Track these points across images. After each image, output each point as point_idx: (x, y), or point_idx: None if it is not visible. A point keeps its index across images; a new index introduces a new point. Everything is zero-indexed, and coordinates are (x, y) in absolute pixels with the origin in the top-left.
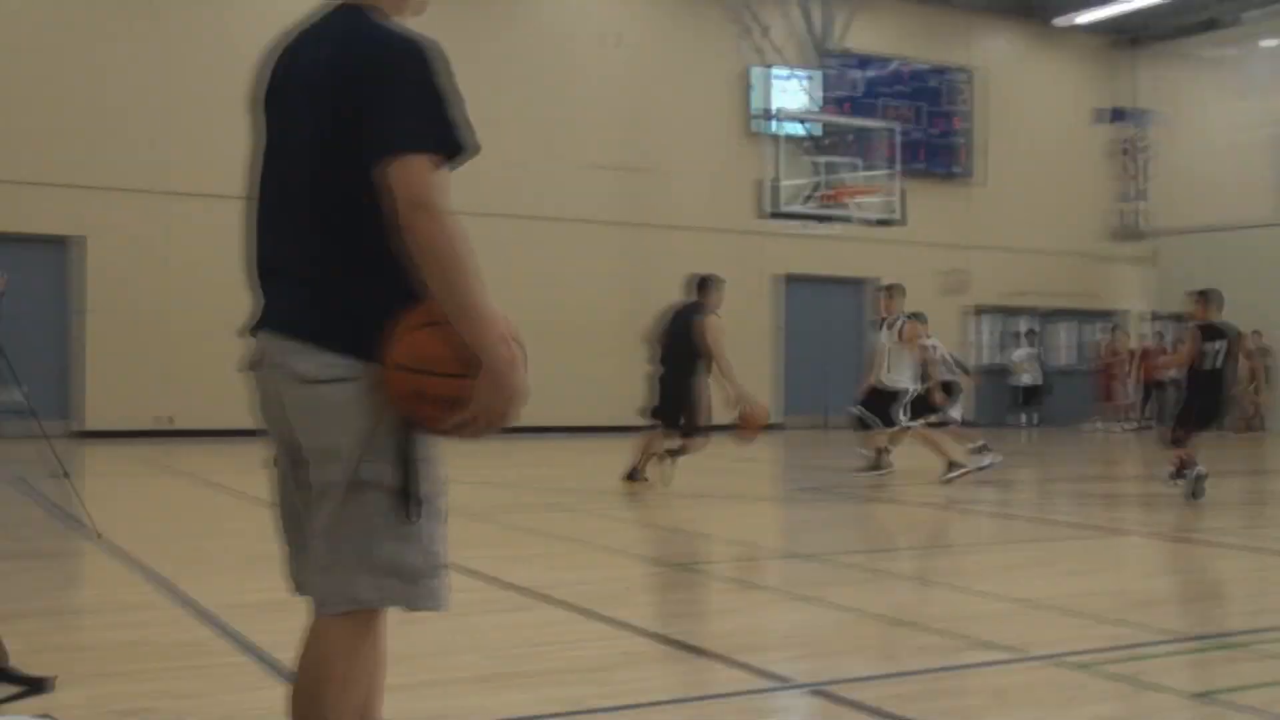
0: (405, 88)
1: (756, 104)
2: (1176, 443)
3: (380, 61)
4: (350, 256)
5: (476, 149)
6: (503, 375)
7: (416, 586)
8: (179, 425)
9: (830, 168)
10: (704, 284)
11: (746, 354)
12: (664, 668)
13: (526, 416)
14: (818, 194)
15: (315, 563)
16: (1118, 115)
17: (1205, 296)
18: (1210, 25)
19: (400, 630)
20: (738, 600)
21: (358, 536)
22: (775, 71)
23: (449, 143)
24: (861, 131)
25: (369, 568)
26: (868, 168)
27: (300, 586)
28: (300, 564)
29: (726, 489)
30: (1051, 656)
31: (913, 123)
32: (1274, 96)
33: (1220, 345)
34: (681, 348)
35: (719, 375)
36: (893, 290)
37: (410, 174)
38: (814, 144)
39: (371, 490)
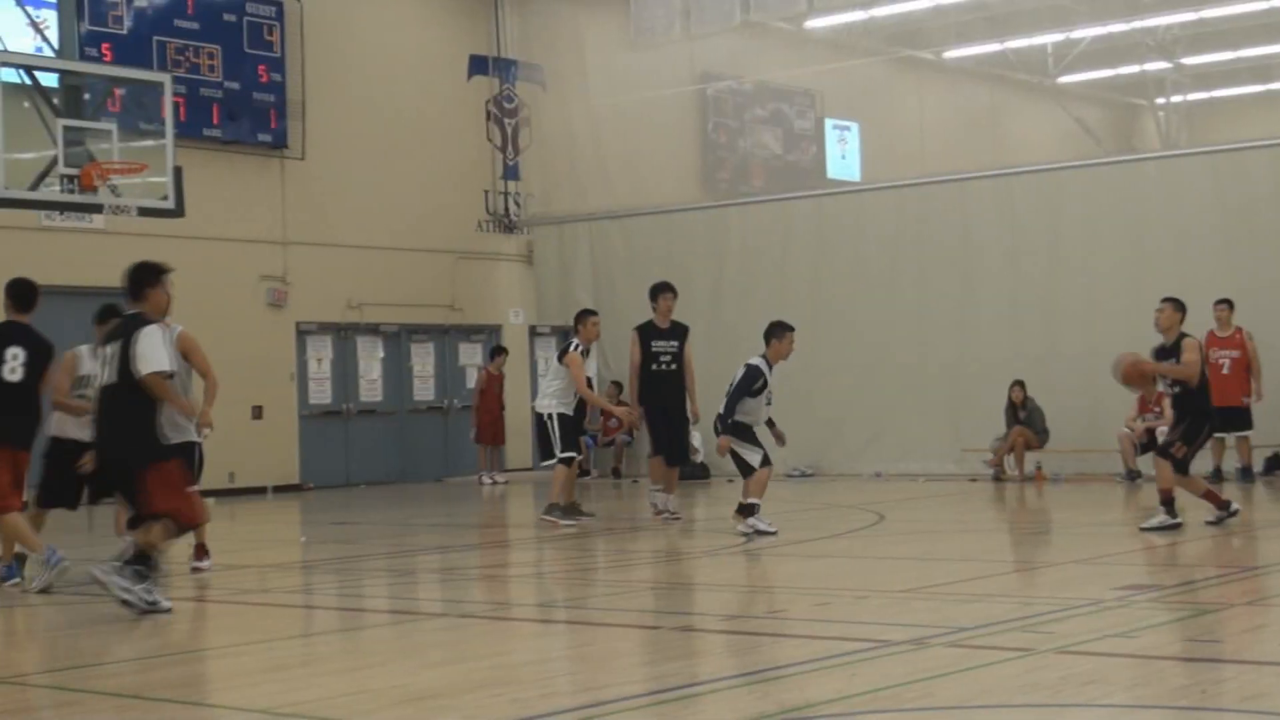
0: None
1: None
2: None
3: None
4: None
5: None
6: None
7: None
8: None
9: (74, 135)
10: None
11: None
12: None
13: None
14: (58, 172)
15: None
16: (479, 66)
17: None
18: None
19: None
20: None
21: None
22: None
23: None
24: (127, 84)
25: None
26: (135, 135)
27: None
28: None
29: None
30: None
31: (205, 73)
32: (683, 47)
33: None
34: None
35: None
36: None
37: None
38: (46, 99)
39: None
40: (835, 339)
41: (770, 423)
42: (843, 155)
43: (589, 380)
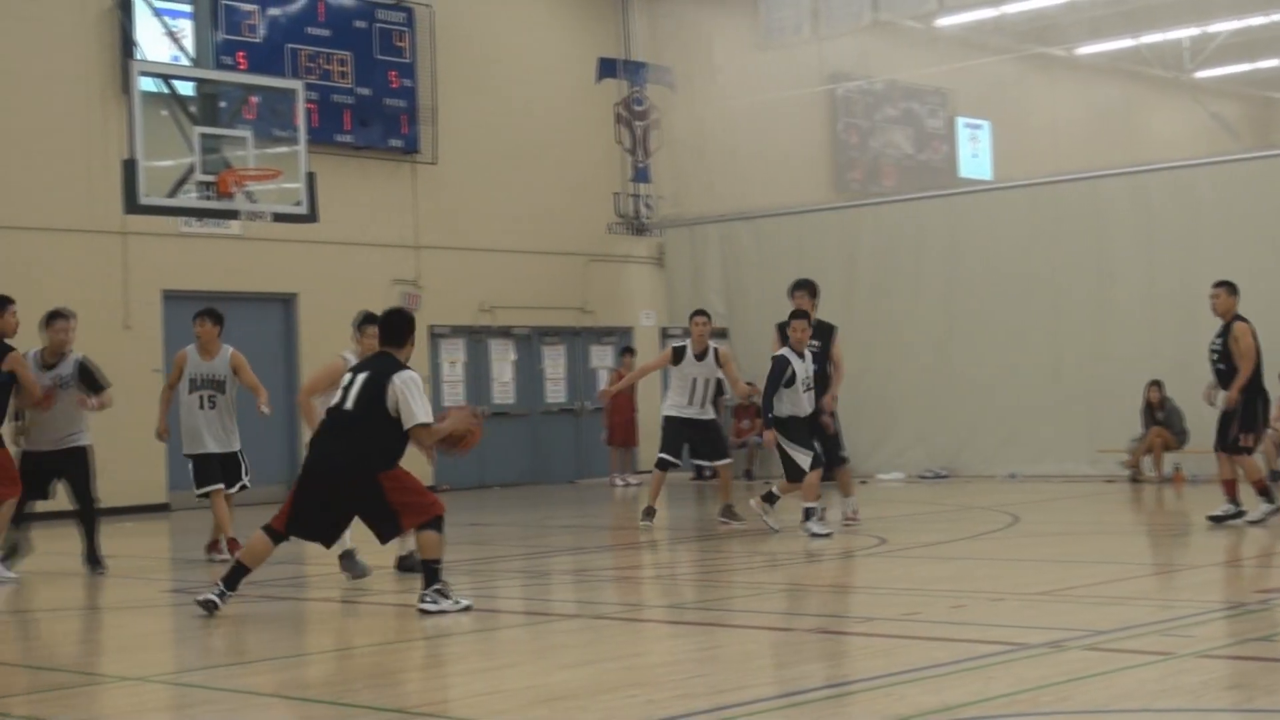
0: None
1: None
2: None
3: None
4: None
5: None
6: None
7: None
8: None
9: (210, 143)
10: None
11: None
12: None
13: None
14: (195, 179)
15: None
16: (609, 69)
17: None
18: None
19: None
20: None
21: None
22: (141, 4)
23: None
24: (261, 91)
25: None
26: (269, 142)
27: None
28: None
29: None
30: None
31: (336, 80)
32: (812, 47)
33: None
34: None
35: None
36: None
37: None
38: (183, 107)
39: None
40: (968, 339)
41: (818, 411)
42: (974, 154)
43: (708, 382)
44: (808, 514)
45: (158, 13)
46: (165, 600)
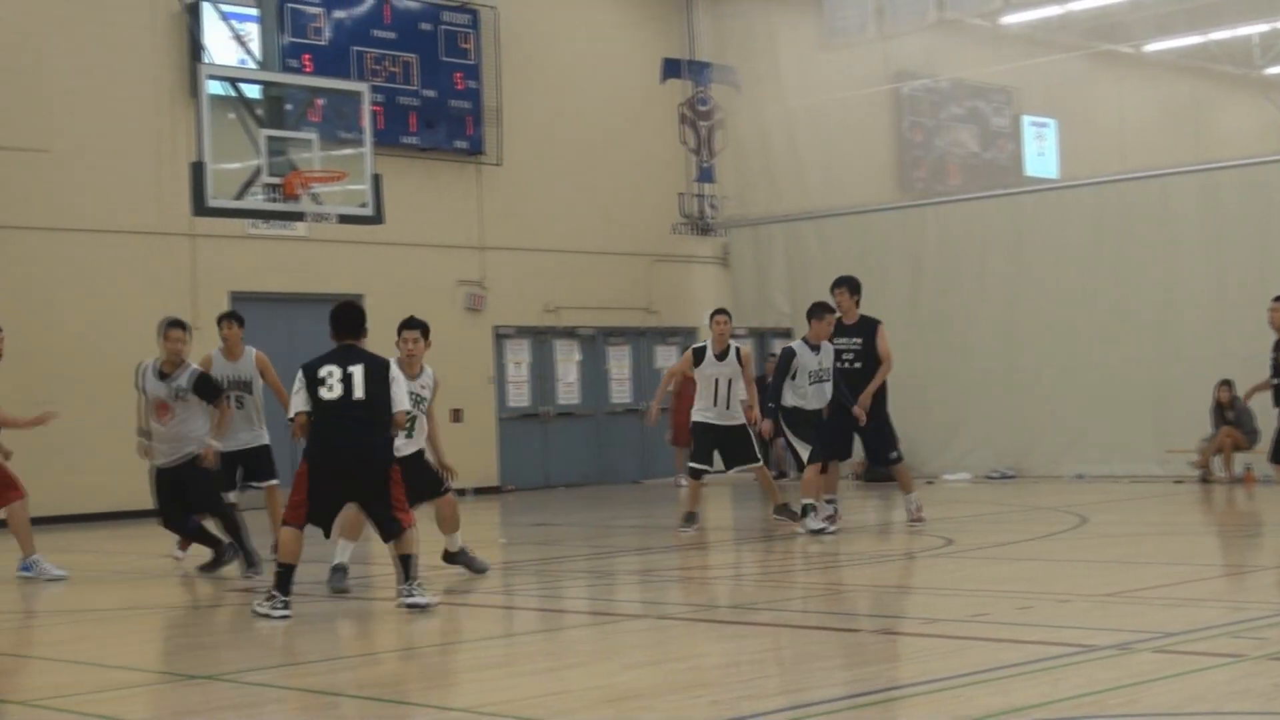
0: None
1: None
2: None
3: None
4: None
5: None
6: None
7: None
8: None
9: (277, 145)
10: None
11: None
12: None
13: None
14: (262, 181)
15: None
16: (673, 69)
17: None
18: None
19: None
20: None
21: None
22: (209, 8)
23: None
24: (327, 94)
25: None
26: (335, 144)
27: None
28: None
29: None
30: None
31: (401, 82)
32: (877, 46)
33: None
34: None
35: None
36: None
37: None
38: (250, 110)
39: None
40: (1034, 339)
41: (833, 404)
42: (1040, 152)
43: (730, 381)
44: (804, 510)
45: (225, 17)
46: (233, 599)
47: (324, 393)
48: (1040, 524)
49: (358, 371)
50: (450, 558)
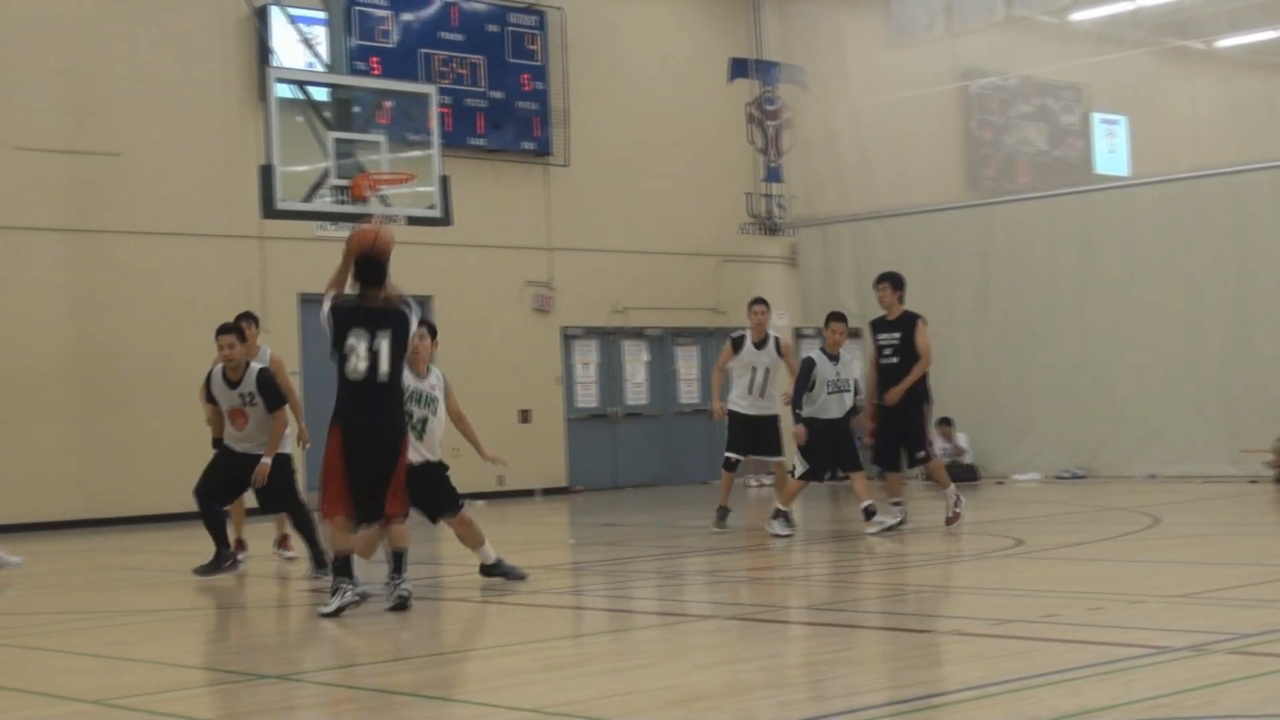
0: None
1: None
2: None
3: None
4: None
5: None
6: None
7: None
8: None
9: (345, 148)
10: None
11: None
12: None
13: None
14: (330, 183)
15: None
16: (740, 69)
17: None
18: None
19: None
20: None
21: None
22: (277, 12)
23: None
24: (395, 96)
25: None
26: (403, 146)
27: None
28: None
29: None
30: None
31: (469, 84)
32: (944, 44)
33: None
34: None
35: None
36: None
37: None
38: (318, 113)
39: None
40: (1105, 338)
41: (852, 412)
42: (1111, 150)
43: (768, 370)
44: (775, 513)
45: (293, 20)
46: (305, 599)
47: (351, 366)
48: (1112, 524)
49: (385, 345)
50: (487, 570)
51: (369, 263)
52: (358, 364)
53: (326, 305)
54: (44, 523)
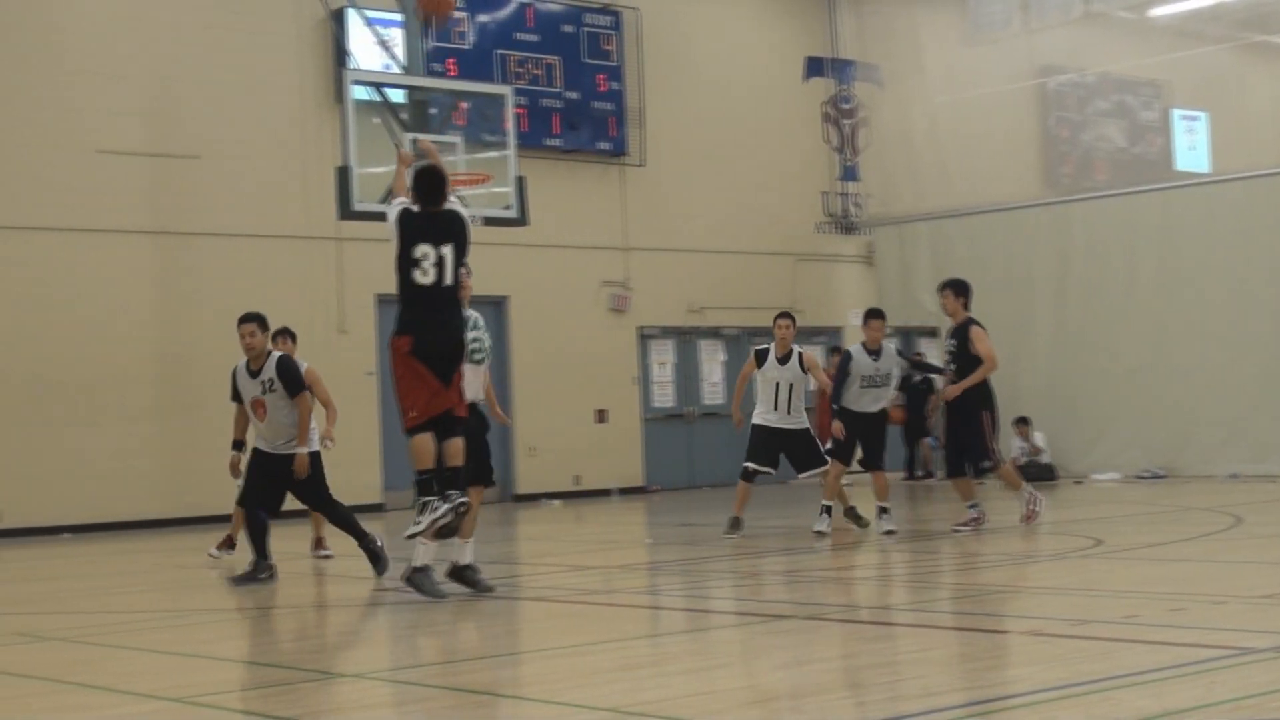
0: None
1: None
2: None
3: None
4: None
5: None
6: None
7: None
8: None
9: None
10: None
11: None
12: None
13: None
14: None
15: None
16: (816, 67)
17: None
18: None
19: None
20: None
21: None
22: (354, 14)
23: None
24: (471, 97)
25: None
26: (479, 147)
27: None
28: None
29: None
30: None
31: (544, 84)
32: (1022, 41)
33: None
34: None
35: None
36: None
37: None
38: (394, 114)
39: None
40: (1185, 336)
41: (884, 411)
42: (1191, 146)
43: (791, 386)
44: (880, 511)
45: (369, 22)
46: (379, 599)
47: (419, 275)
48: (1192, 524)
49: (449, 253)
50: (456, 573)
51: (431, 182)
52: (428, 270)
53: (396, 211)
54: (126, 522)
